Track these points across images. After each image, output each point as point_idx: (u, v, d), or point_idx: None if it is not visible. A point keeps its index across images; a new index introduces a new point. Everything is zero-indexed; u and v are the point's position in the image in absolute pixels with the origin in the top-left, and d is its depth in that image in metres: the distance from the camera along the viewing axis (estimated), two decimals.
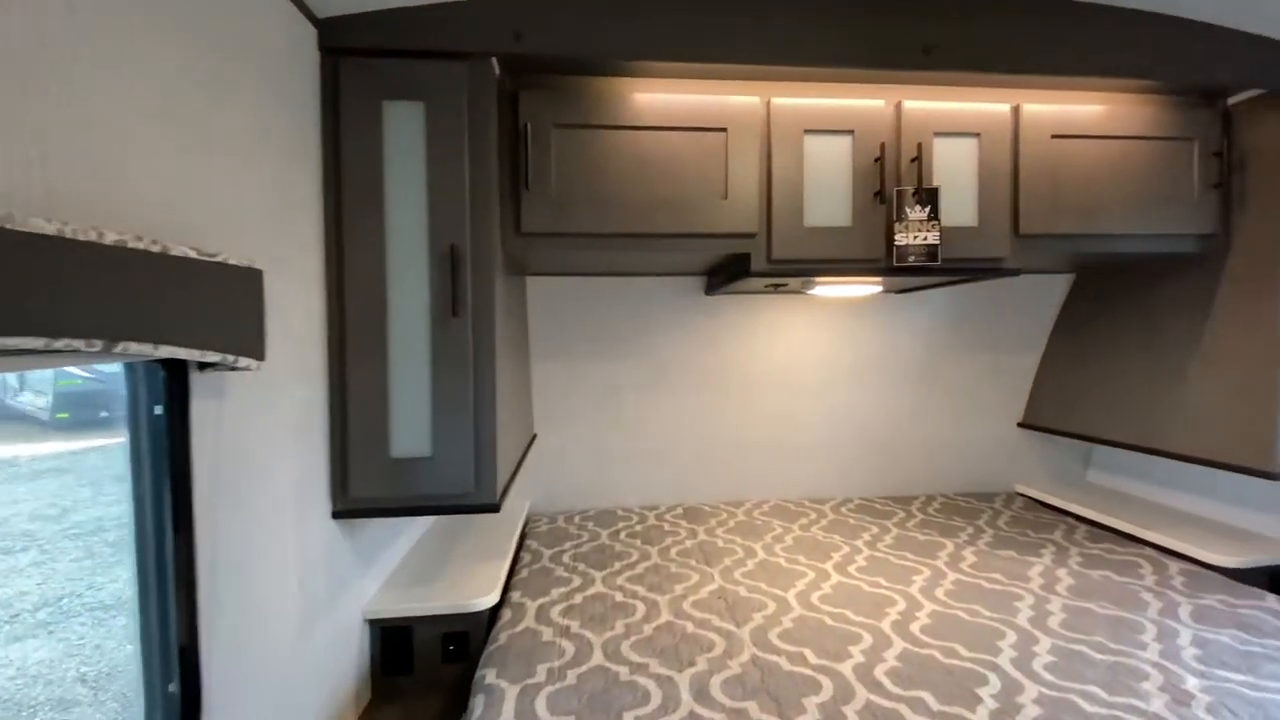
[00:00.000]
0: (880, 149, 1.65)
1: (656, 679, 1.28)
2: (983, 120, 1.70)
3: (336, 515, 1.36)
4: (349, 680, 1.43)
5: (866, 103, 1.66)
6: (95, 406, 6.02)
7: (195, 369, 0.89)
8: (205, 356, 0.82)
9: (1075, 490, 2.51)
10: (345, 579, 1.43)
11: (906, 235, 1.65)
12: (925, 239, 1.65)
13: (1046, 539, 2.05)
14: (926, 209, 1.65)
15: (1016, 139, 1.72)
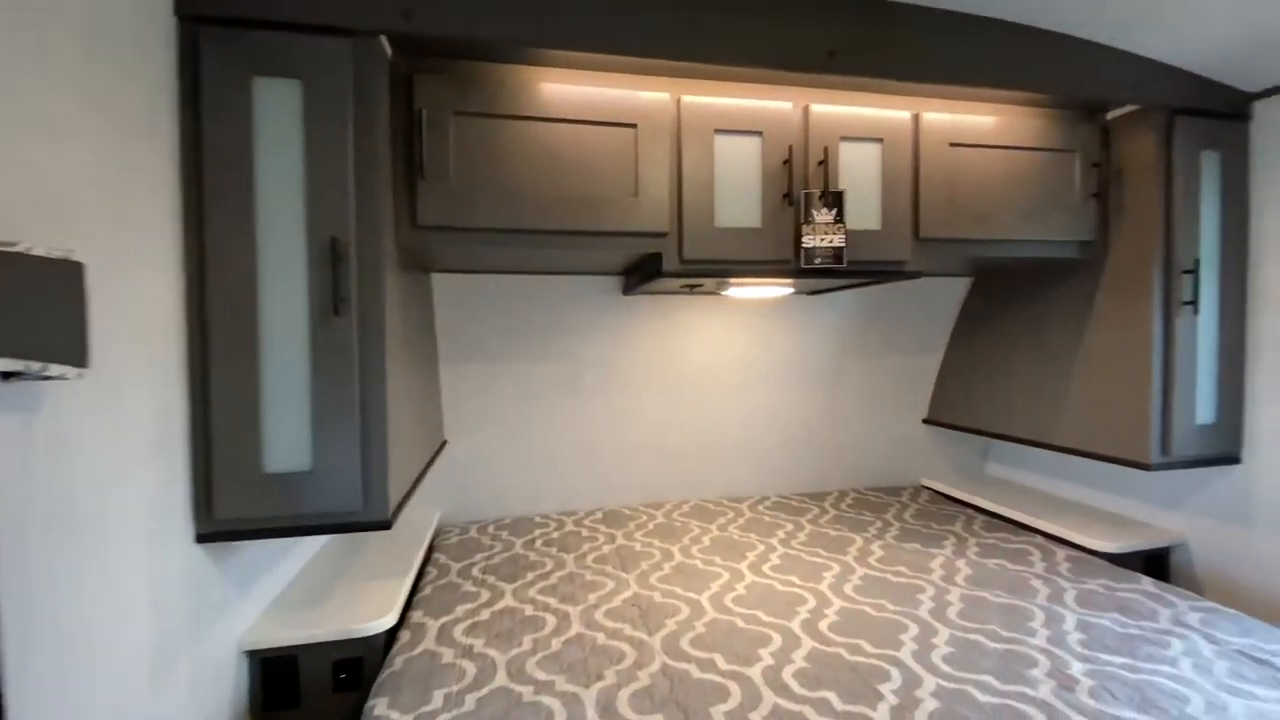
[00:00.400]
0: (788, 151, 1.66)
1: (562, 697, 1.22)
2: (885, 126, 1.74)
3: (201, 539, 1.22)
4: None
5: (775, 104, 1.66)
6: None
7: None
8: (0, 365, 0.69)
9: (975, 482, 2.65)
10: (215, 608, 1.28)
11: (814, 237, 1.67)
12: (832, 241, 1.67)
13: (948, 530, 2.14)
14: (833, 212, 1.67)
15: (917, 146, 1.77)
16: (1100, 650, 1.36)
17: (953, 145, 1.78)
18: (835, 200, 1.67)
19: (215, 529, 1.22)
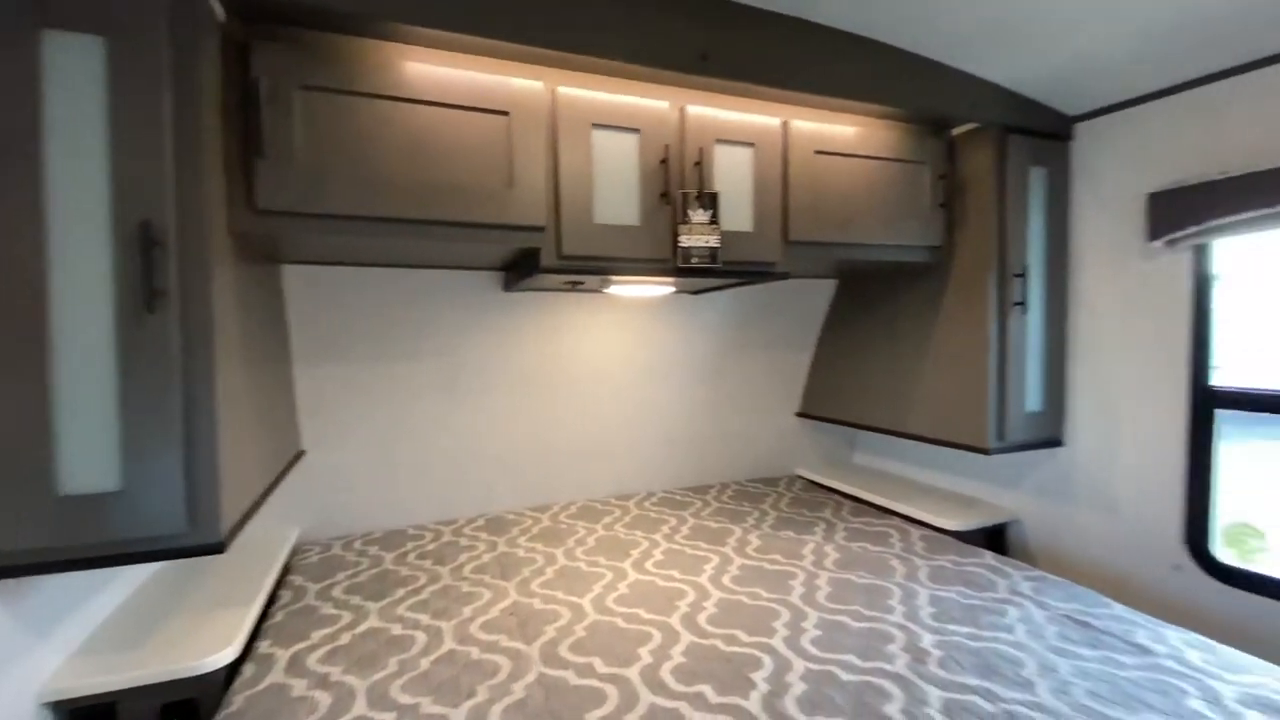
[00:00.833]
0: (665, 150, 1.67)
1: None
2: (757, 131, 1.80)
3: None
4: None
5: (652, 103, 1.67)
6: None
7: None
8: None
9: (843, 470, 2.83)
10: (2, 657, 1.07)
11: (690, 237, 1.69)
12: (707, 242, 1.70)
13: (819, 517, 2.26)
14: (709, 213, 1.70)
15: (786, 152, 1.84)
16: (949, 622, 1.48)
17: (818, 153, 1.87)
18: (711, 201, 1.70)
19: None
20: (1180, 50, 1.63)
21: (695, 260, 1.68)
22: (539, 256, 1.60)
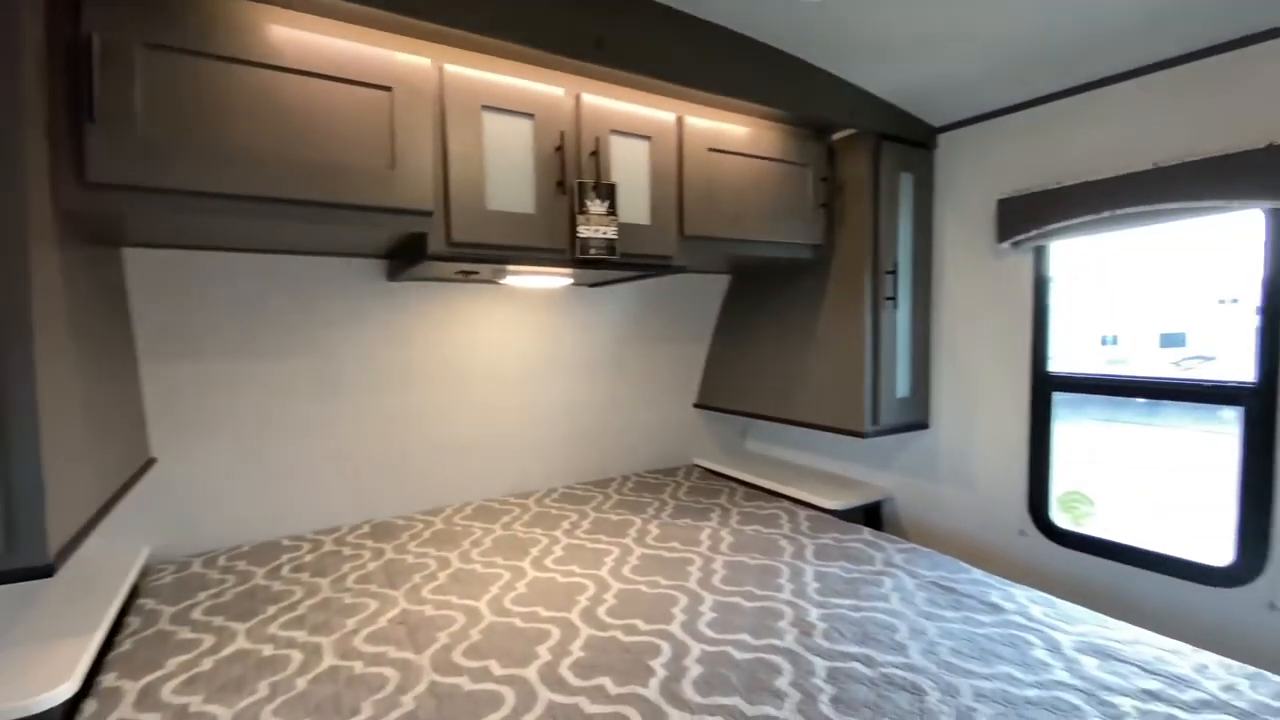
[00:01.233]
0: (561, 138, 1.64)
1: None
2: (653, 125, 1.81)
3: None
4: None
5: (547, 89, 1.63)
6: None
7: None
8: None
9: (737, 458, 2.94)
10: None
11: (588, 228, 1.67)
12: (605, 233, 1.69)
13: (715, 503, 2.34)
14: (606, 204, 1.69)
15: (681, 147, 1.87)
16: (832, 596, 1.58)
17: (711, 150, 1.92)
18: (609, 193, 1.70)
19: None
20: (1026, 71, 1.82)
21: (594, 251, 1.66)
22: (426, 243, 1.52)
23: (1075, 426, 2.06)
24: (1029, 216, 1.93)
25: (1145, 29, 1.56)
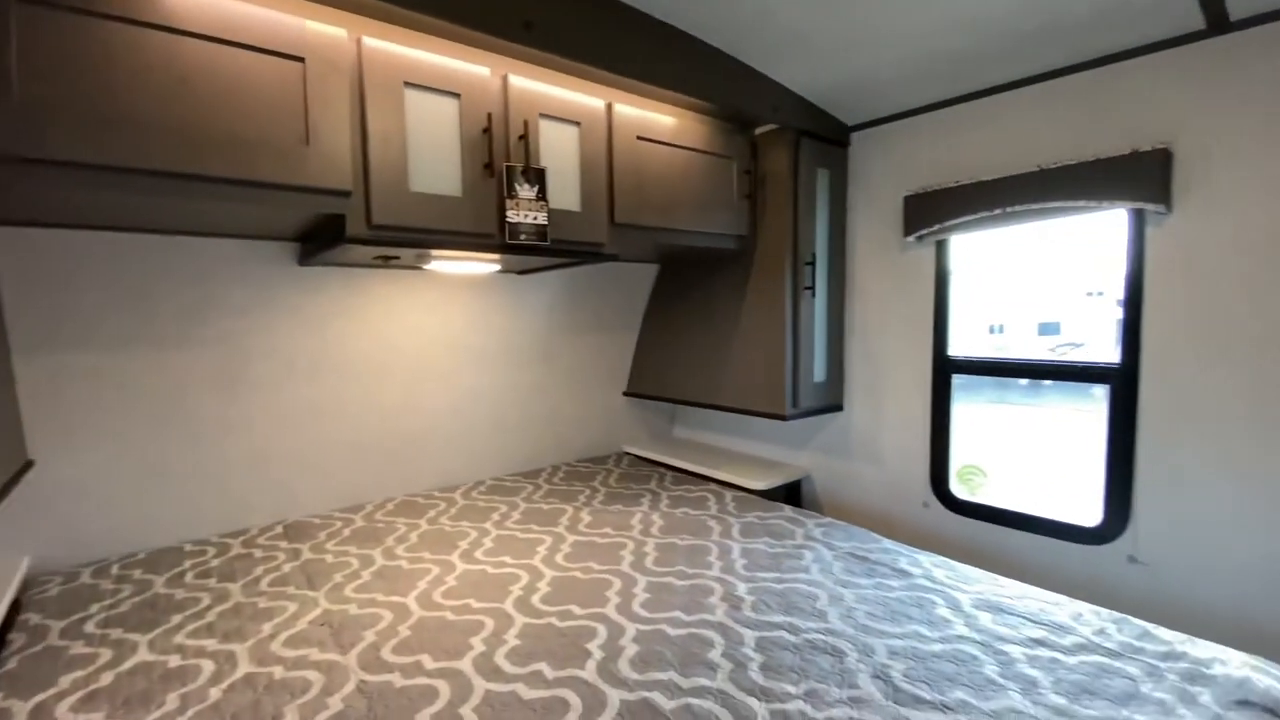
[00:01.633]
0: (488, 120, 1.60)
1: None
2: (582, 111, 1.80)
3: None
4: None
5: (472, 68, 1.58)
6: None
7: None
8: None
9: (665, 444, 3.00)
10: None
11: (518, 213, 1.64)
12: (535, 218, 1.67)
13: (645, 489, 2.38)
14: (535, 189, 1.67)
15: (610, 134, 1.87)
16: (758, 570, 1.65)
17: (640, 138, 1.93)
18: (538, 177, 1.67)
19: None
20: (930, 76, 1.95)
21: (524, 237, 1.64)
22: (344, 225, 1.44)
23: (969, 408, 2.25)
24: (931, 212, 2.08)
25: (1033, 42, 1.71)
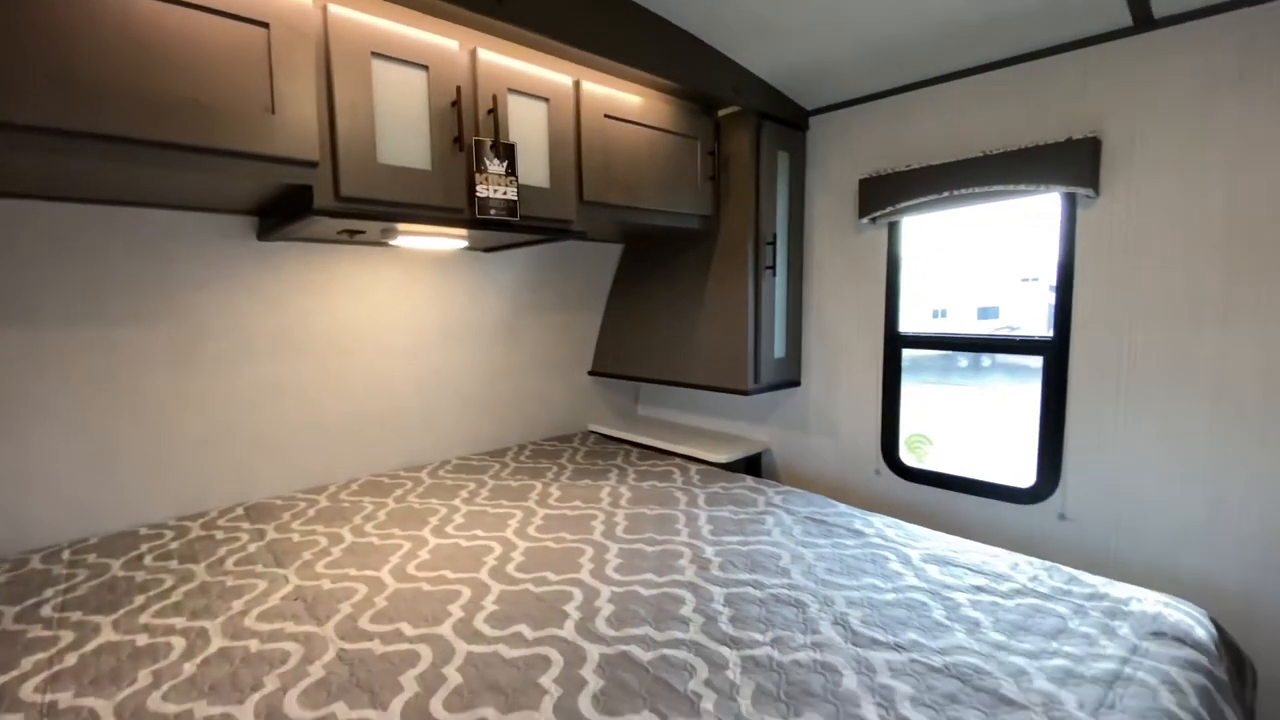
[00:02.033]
0: (457, 93, 1.59)
1: None
2: (551, 88, 1.80)
3: None
4: None
5: (440, 40, 1.57)
6: None
7: None
8: None
9: (630, 422, 3.06)
10: None
11: (487, 187, 1.64)
12: (505, 194, 1.68)
13: (612, 465, 2.43)
14: (505, 164, 1.67)
15: (579, 111, 1.88)
16: (724, 535, 1.73)
17: (607, 117, 1.95)
18: (508, 153, 1.68)
19: None
20: (883, 63, 2.04)
21: (494, 212, 1.64)
22: (311, 197, 1.42)
23: (916, 387, 2.39)
24: (884, 195, 2.18)
25: (978, 34, 1.81)
